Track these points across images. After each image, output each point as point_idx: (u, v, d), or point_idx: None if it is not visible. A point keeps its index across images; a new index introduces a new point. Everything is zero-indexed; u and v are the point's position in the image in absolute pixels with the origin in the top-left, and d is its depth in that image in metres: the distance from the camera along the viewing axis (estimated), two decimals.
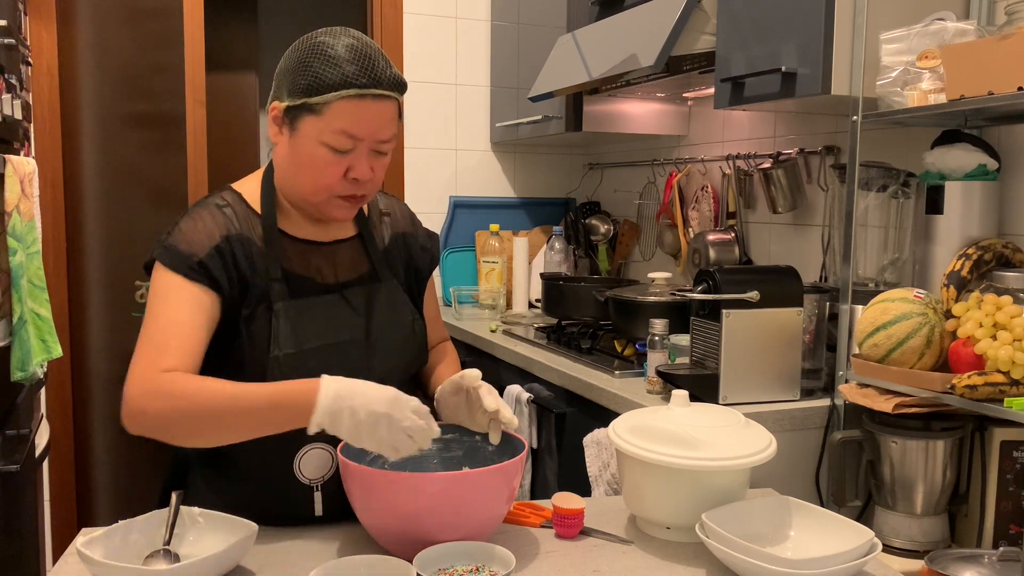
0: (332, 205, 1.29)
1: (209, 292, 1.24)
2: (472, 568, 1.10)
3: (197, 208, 1.31)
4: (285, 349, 1.26)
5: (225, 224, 1.29)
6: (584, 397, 2.05)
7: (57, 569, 1.15)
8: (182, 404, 1.14)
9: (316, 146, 1.24)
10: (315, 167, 1.25)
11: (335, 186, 1.26)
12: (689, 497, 1.24)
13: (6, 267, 2.03)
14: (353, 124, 1.22)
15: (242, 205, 1.32)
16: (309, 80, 1.22)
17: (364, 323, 1.34)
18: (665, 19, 2.10)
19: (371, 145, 1.26)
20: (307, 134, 1.24)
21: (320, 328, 1.30)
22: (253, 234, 1.30)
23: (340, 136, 1.23)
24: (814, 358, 1.85)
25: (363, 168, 1.26)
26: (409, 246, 1.47)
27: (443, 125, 3.37)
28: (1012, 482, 1.54)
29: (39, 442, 2.26)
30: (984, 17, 1.80)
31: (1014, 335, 1.40)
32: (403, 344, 1.39)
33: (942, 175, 1.73)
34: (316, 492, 1.31)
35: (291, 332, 1.27)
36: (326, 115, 1.22)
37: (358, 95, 1.21)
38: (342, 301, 1.33)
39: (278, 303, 1.27)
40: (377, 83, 1.22)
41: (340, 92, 1.21)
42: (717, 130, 2.73)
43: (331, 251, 1.37)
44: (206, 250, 1.25)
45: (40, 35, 2.79)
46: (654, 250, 3.04)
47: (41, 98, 2.81)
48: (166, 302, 1.23)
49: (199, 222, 1.28)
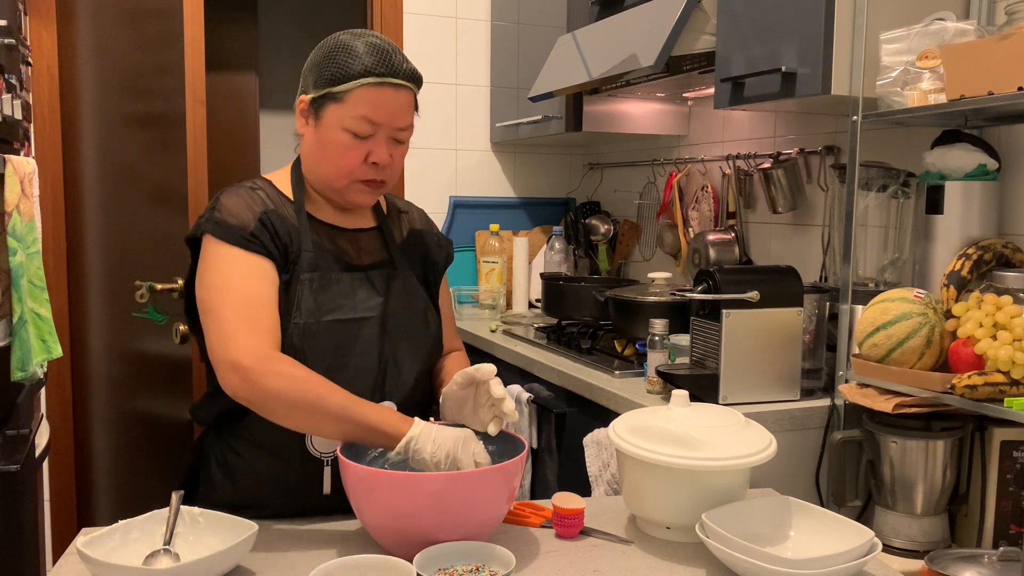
0: (354, 190, 1.38)
1: (268, 261, 1.33)
2: (472, 568, 1.10)
3: (232, 188, 1.40)
4: (305, 318, 1.33)
5: (261, 201, 1.38)
6: (584, 397, 2.05)
7: (57, 569, 1.15)
8: (302, 388, 1.22)
9: (339, 132, 1.34)
10: (338, 152, 1.35)
11: (356, 170, 1.36)
12: (689, 497, 1.24)
13: (6, 267, 2.03)
14: (373, 110, 1.33)
15: (273, 189, 1.42)
16: (333, 71, 1.33)
17: (381, 304, 1.41)
18: (665, 19, 2.10)
19: (389, 132, 1.36)
20: (330, 122, 1.34)
21: (341, 303, 1.37)
22: (286, 212, 1.39)
23: (361, 122, 1.33)
24: (814, 358, 1.85)
25: (382, 153, 1.35)
26: (426, 242, 1.56)
27: (443, 125, 3.37)
28: (1012, 482, 1.54)
29: (39, 442, 2.26)
30: (984, 17, 1.80)
31: (1014, 335, 1.40)
32: (416, 329, 1.45)
33: (942, 175, 1.73)
34: (326, 467, 1.36)
35: (311, 302, 1.35)
36: (348, 102, 1.32)
37: (377, 83, 1.32)
38: (364, 281, 1.41)
39: (305, 274, 1.35)
40: (395, 73, 1.33)
41: (361, 80, 1.32)
42: (717, 130, 2.73)
43: (354, 237, 1.45)
44: (253, 222, 1.34)
45: (40, 35, 2.79)
46: (654, 250, 3.04)
47: (41, 98, 2.81)
48: (237, 275, 1.30)
49: (237, 198, 1.37)
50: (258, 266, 1.32)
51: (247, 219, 1.34)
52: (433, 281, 1.55)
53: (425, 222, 1.59)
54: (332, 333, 1.35)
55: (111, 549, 1.12)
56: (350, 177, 1.37)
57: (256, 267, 1.32)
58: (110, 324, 2.95)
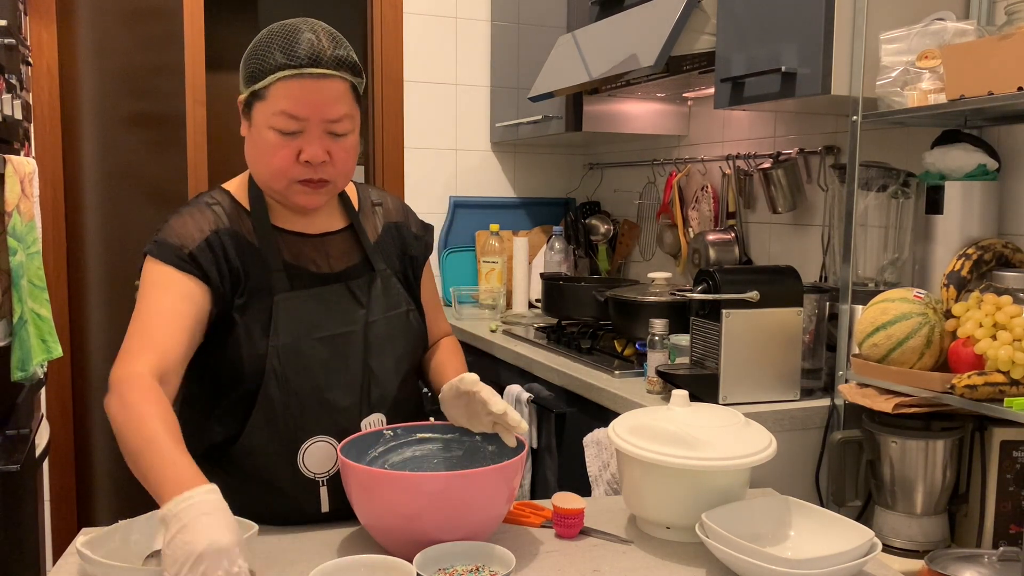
0: (293, 191, 1.30)
1: (199, 283, 1.26)
2: (472, 568, 1.10)
3: (187, 207, 1.34)
4: (283, 339, 1.28)
5: (214, 219, 1.31)
6: (584, 397, 2.05)
7: (57, 569, 1.15)
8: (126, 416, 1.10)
9: (266, 131, 1.26)
10: (268, 152, 1.27)
11: (289, 170, 1.28)
12: (689, 497, 1.24)
13: (6, 267, 2.03)
14: (293, 104, 1.24)
15: (231, 202, 1.35)
16: (252, 67, 1.26)
17: (362, 315, 1.35)
18: (665, 19, 2.10)
19: (320, 126, 1.26)
20: (258, 121, 1.27)
21: (318, 319, 1.32)
22: (242, 228, 1.33)
23: (283, 118, 1.24)
24: (814, 358, 1.85)
25: (314, 150, 1.26)
26: (403, 235, 1.48)
27: (443, 125, 3.37)
28: (1012, 482, 1.54)
29: (39, 442, 2.26)
30: (984, 17, 1.80)
31: (1014, 335, 1.40)
32: (399, 335, 1.39)
33: (942, 175, 1.73)
34: (322, 487, 1.31)
35: (288, 322, 1.29)
36: (269, 99, 1.25)
37: (296, 75, 1.23)
38: (337, 292, 1.35)
39: (278, 294, 1.29)
40: (316, 62, 1.24)
41: (277, 74, 1.23)
42: (717, 130, 2.73)
43: (321, 242, 1.38)
44: (196, 243, 1.27)
45: (40, 35, 2.79)
46: (654, 250, 3.04)
47: (41, 98, 2.81)
48: (153, 292, 1.25)
49: (188, 218, 1.31)
50: (182, 285, 1.24)
51: (190, 239, 1.27)
52: (414, 277, 1.48)
53: (401, 212, 1.51)
54: (314, 352, 1.30)
55: (111, 549, 1.12)
56: (285, 178, 1.28)
57: (179, 285, 1.24)
58: (110, 324, 2.95)
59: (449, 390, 1.32)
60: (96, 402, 2.98)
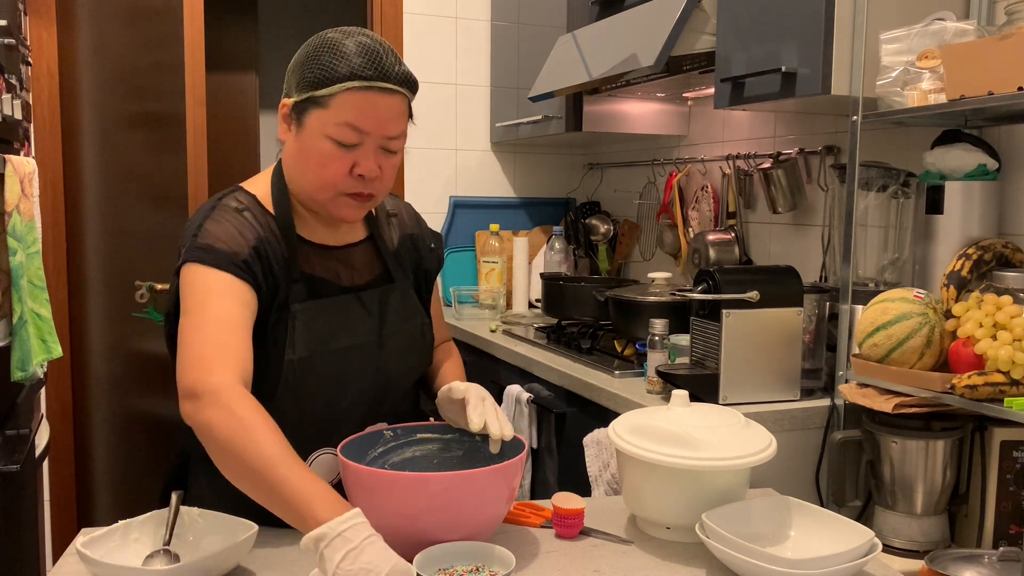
0: (339, 203, 1.27)
1: (252, 292, 1.23)
2: (472, 568, 1.10)
3: (217, 211, 1.28)
4: (300, 353, 1.26)
5: (252, 228, 1.27)
6: (584, 397, 2.05)
7: (57, 569, 1.15)
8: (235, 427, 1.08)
9: (321, 140, 1.23)
10: (320, 161, 1.24)
11: (340, 182, 1.25)
12: (689, 497, 1.24)
13: (6, 267, 2.03)
14: (358, 117, 1.21)
15: (259, 208, 1.31)
16: (316, 73, 1.22)
17: (377, 326, 1.34)
18: (665, 19, 2.10)
19: (378, 141, 1.24)
20: (313, 128, 1.23)
21: (334, 331, 1.30)
22: (274, 237, 1.29)
23: (345, 129, 1.22)
24: (814, 358, 1.85)
25: (369, 164, 1.24)
26: (418, 248, 1.47)
27: (443, 125, 3.37)
28: (1012, 482, 1.54)
29: (39, 442, 2.26)
30: (984, 17, 1.80)
31: (1014, 335, 1.40)
32: (411, 347, 1.39)
33: (942, 175, 1.73)
34: None
35: (306, 335, 1.27)
36: (332, 107, 1.21)
37: (364, 87, 1.21)
38: (357, 303, 1.33)
39: (295, 305, 1.27)
40: (384, 77, 1.21)
41: (346, 84, 1.20)
42: (717, 130, 2.73)
43: (346, 254, 1.36)
44: (247, 251, 1.24)
45: (40, 35, 2.79)
46: (654, 250, 3.04)
47: (41, 98, 2.81)
48: (216, 299, 1.20)
49: (228, 225, 1.26)
50: (241, 293, 1.21)
51: (239, 246, 1.24)
52: (426, 289, 1.48)
53: (415, 222, 1.50)
54: (329, 364, 1.28)
55: (111, 549, 1.12)
56: (334, 189, 1.25)
57: (239, 294, 1.21)
58: (110, 324, 2.95)
59: (443, 397, 1.33)
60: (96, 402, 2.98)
